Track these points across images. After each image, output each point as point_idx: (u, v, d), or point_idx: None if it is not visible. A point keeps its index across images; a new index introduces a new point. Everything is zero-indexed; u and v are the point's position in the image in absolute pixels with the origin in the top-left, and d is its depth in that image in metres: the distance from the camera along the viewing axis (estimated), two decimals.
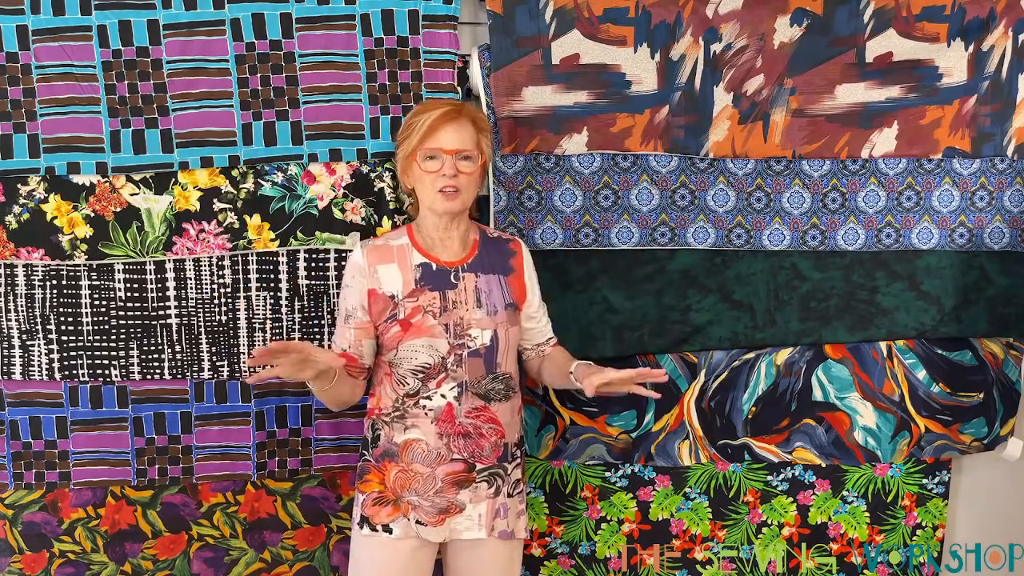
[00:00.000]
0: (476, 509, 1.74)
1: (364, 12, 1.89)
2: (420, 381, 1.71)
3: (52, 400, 1.91)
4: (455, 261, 1.75)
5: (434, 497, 1.72)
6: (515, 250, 1.83)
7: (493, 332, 1.73)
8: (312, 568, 2.06)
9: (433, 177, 1.68)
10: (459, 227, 1.76)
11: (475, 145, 1.71)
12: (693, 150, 2.00)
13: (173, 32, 1.84)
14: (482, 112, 1.83)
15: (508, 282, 1.79)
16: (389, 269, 1.72)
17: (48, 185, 1.85)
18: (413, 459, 1.72)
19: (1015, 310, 2.13)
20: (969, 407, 2.14)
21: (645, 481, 2.15)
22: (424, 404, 1.72)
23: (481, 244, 1.79)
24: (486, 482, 1.75)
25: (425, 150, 1.68)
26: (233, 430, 1.97)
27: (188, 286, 1.91)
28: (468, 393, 1.72)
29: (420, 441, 1.72)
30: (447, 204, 1.69)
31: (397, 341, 1.71)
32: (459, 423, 1.72)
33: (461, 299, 1.72)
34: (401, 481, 1.72)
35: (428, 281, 1.72)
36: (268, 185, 1.91)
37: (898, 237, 2.07)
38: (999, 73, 2.02)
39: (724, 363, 2.09)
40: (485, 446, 1.74)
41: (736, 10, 1.94)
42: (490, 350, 1.73)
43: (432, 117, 1.68)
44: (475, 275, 1.75)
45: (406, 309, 1.71)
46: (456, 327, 1.71)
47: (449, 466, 1.72)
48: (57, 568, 1.96)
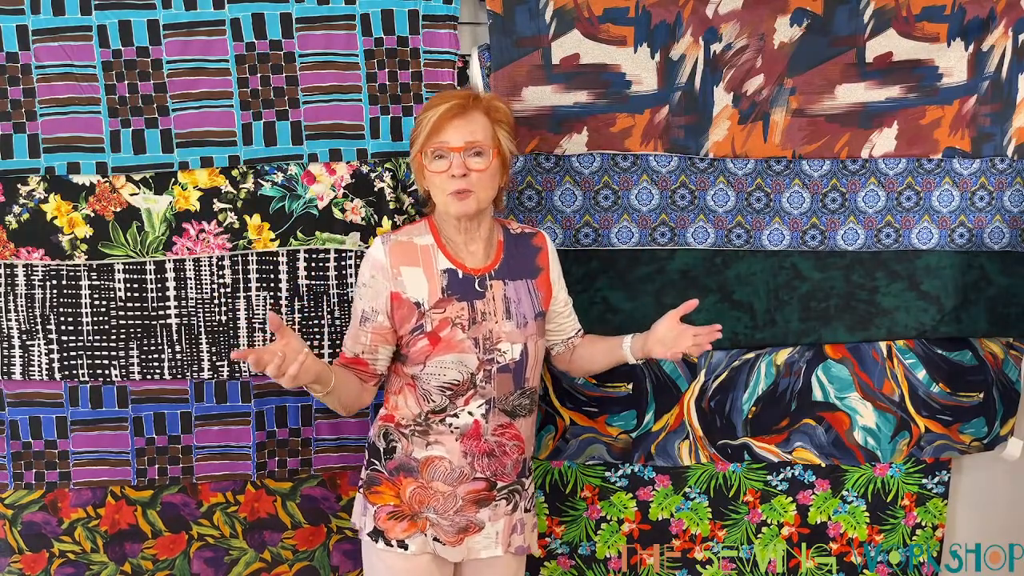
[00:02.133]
0: (494, 527, 1.68)
1: (364, 12, 1.89)
2: (447, 398, 1.62)
3: (52, 400, 1.91)
4: (481, 268, 1.63)
5: (454, 516, 1.65)
6: (540, 245, 1.73)
7: (523, 346, 1.64)
8: (312, 568, 2.07)
9: (442, 178, 1.56)
10: (481, 228, 1.64)
11: (488, 138, 1.58)
12: (693, 150, 1.99)
13: (173, 32, 1.84)
14: (500, 101, 1.67)
15: (537, 286, 1.69)
16: (414, 273, 1.60)
17: (48, 185, 1.85)
18: (434, 477, 1.64)
19: (1015, 310, 2.13)
20: (969, 407, 2.14)
21: (645, 481, 2.15)
22: (450, 422, 1.63)
23: (506, 246, 1.68)
24: (505, 499, 1.69)
25: (432, 148, 1.57)
26: (233, 430, 1.97)
27: (188, 286, 1.91)
28: (495, 410, 1.64)
29: (443, 459, 1.63)
30: (459, 207, 1.56)
31: (425, 356, 1.60)
32: (484, 441, 1.64)
33: (490, 310, 1.61)
34: (419, 497, 1.65)
35: (455, 290, 1.60)
36: (268, 185, 1.91)
37: (898, 237, 2.07)
38: (999, 73, 2.02)
39: (724, 363, 2.09)
40: (508, 464, 1.67)
41: (736, 10, 1.94)
42: (519, 364, 1.64)
43: (437, 114, 1.55)
44: (503, 283, 1.64)
45: (433, 321, 1.59)
46: (485, 341, 1.61)
47: (471, 484, 1.65)
48: (57, 568, 1.96)
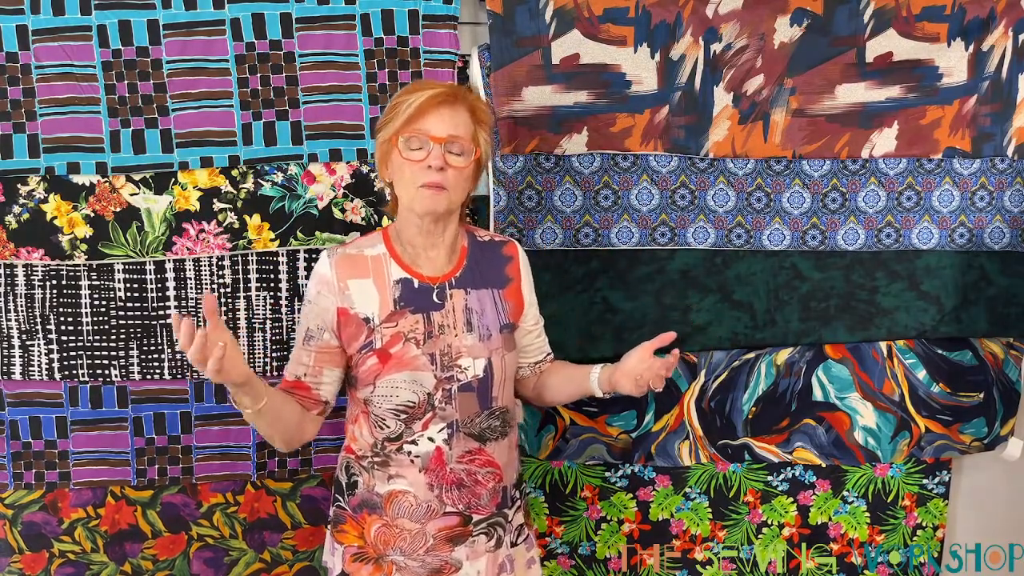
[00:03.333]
0: (474, 566, 1.51)
1: (364, 12, 1.89)
2: (403, 423, 1.46)
3: (52, 400, 1.91)
4: (440, 276, 1.50)
5: (424, 556, 1.49)
6: (511, 255, 1.60)
7: (487, 361, 1.48)
8: (312, 568, 2.06)
9: (416, 168, 1.41)
10: (445, 232, 1.50)
11: (470, 136, 1.46)
12: (693, 150, 1.99)
13: (173, 32, 1.84)
14: (484, 102, 1.56)
15: (504, 296, 1.55)
16: (363, 285, 1.46)
17: (48, 185, 1.85)
18: (399, 513, 1.48)
19: (1015, 310, 2.13)
20: (969, 407, 2.14)
21: (645, 481, 2.15)
22: (409, 450, 1.47)
23: (471, 252, 1.55)
24: (484, 535, 1.52)
25: (409, 133, 1.42)
26: (233, 430, 1.96)
27: (188, 286, 1.91)
28: (459, 434, 1.47)
29: (407, 493, 1.48)
30: (429, 202, 1.42)
31: (374, 376, 1.45)
32: (451, 470, 1.48)
33: (448, 322, 1.47)
34: (384, 537, 1.49)
35: (409, 301, 1.46)
36: (268, 185, 1.91)
37: (898, 237, 2.07)
38: (999, 73, 2.02)
39: (724, 363, 2.09)
40: (482, 494, 1.51)
41: (736, 10, 1.94)
42: (483, 382, 1.48)
43: (423, 97, 1.41)
44: (464, 291, 1.50)
45: (384, 337, 1.44)
46: (443, 357, 1.46)
47: (441, 520, 1.49)
48: (57, 568, 1.96)
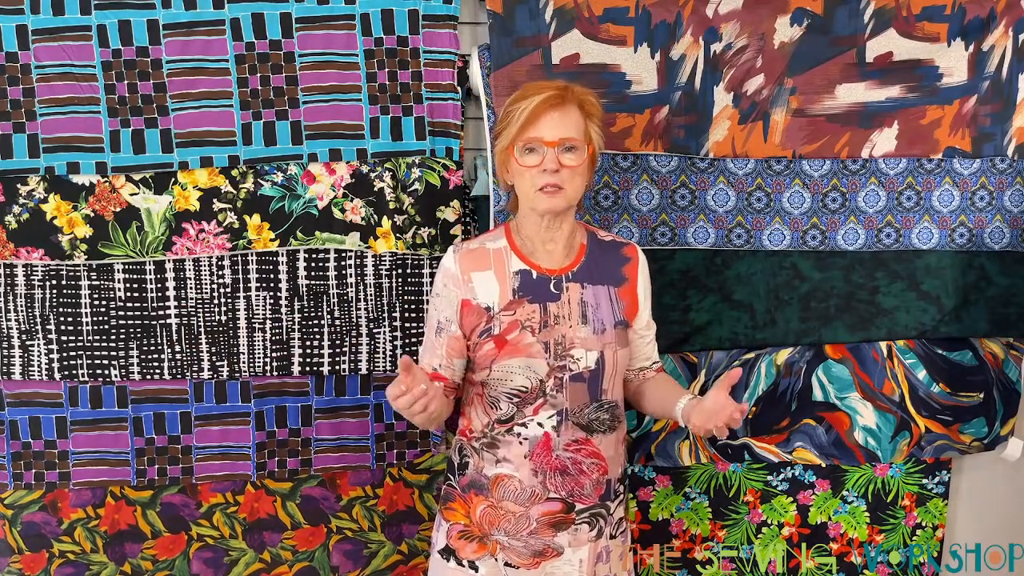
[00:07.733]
0: (576, 554, 1.57)
1: (364, 12, 1.89)
2: (515, 406, 1.53)
3: (52, 400, 1.91)
4: (558, 269, 1.56)
5: (528, 538, 1.56)
6: (630, 256, 1.64)
7: (599, 354, 1.54)
8: (312, 568, 2.06)
9: (533, 173, 1.49)
10: (563, 227, 1.56)
11: (581, 133, 1.51)
12: (693, 150, 1.99)
13: (173, 32, 1.84)
14: (591, 94, 1.57)
15: (619, 295, 1.59)
16: (485, 277, 1.54)
17: (48, 185, 1.85)
18: (504, 496, 1.56)
19: (1015, 310, 2.12)
20: (969, 407, 2.14)
21: (645, 481, 2.15)
22: (518, 432, 1.54)
23: (589, 249, 1.61)
24: (587, 523, 1.58)
25: (524, 141, 1.49)
26: (233, 430, 1.97)
27: (188, 286, 1.91)
28: (568, 423, 1.54)
29: (512, 478, 1.55)
30: (548, 203, 1.49)
31: (491, 360, 1.53)
32: (556, 456, 1.54)
33: (564, 313, 1.53)
34: (489, 518, 1.57)
35: (527, 291, 1.53)
36: (268, 185, 1.91)
37: (898, 237, 2.07)
38: (999, 73, 2.02)
39: (724, 363, 2.08)
40: (586, 484, 1.56)
41: (736, 10, 1.94)
42: (595, 374, 1.54)
43: (533, 103, 1.47)
44: (581, 285, 1.56)
45: (502, 324, 1.52)
46: (557, 346, 1.53)
47: (545, 506, 1.55)
48: (57, 568, 1.96)
